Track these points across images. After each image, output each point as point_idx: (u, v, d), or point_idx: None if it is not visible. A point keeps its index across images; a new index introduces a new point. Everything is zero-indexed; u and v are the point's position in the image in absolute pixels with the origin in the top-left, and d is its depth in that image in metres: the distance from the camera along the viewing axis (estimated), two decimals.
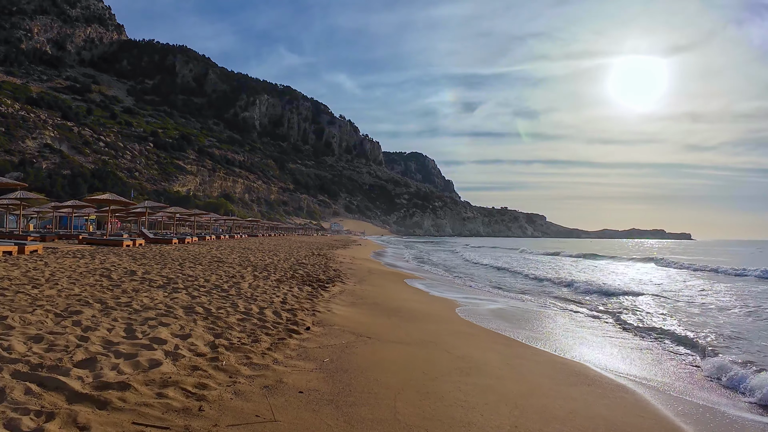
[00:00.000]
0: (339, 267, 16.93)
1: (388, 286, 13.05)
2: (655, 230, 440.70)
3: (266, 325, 6.08)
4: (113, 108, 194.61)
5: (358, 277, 14.17)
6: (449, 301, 11.24)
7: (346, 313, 7.85)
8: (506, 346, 6.78)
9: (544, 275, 20.31)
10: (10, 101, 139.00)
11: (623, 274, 23.89)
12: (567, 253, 48.75)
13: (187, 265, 12.69)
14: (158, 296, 7.55)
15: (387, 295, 10.95)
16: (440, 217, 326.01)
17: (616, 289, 14.57)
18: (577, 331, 8.49)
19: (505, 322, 8.92)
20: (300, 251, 24.81)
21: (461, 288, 15.13)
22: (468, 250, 54.67)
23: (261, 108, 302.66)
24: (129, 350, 4.45)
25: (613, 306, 11.72)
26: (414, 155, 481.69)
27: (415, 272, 20.72)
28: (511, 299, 12.67)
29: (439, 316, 8.87)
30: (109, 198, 21.51)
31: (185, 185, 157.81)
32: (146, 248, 19.10)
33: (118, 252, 16.12)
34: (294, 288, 9.82)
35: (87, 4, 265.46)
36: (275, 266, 14.57)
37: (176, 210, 32.04)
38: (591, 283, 16.21)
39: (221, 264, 13.89)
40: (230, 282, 9.85)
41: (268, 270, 13.11)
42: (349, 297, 9.80)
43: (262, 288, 9.36)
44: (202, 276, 10.57)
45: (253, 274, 11.86)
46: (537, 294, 14.13)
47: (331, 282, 11.81)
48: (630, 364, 6.39)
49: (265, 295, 8.48)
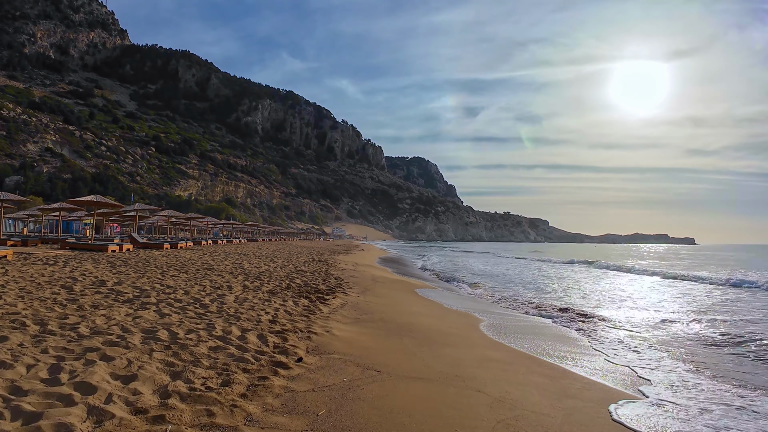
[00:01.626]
0: (341, 275, 15.57)
1: (396, 297, 11.66)
2: (659, 235, 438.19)
3: (245, 357, 4.70)
4: (115, 112, 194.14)
5: (362, 287, 12.80)
6: (468, 315, 9.83)
7: (348, 334, 6.48)
8: (549, 378, 5.39)
9: (559, 288, 18.83)
10: (12, 105, 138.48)
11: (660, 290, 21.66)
12: (583, 260, 46.90)
13: (169, 274, 11.32)
14: (118, 315, 6.18)
15: (395, 309, 9.57)
16: (443, 222, 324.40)
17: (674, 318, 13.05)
18: (626, 355, 7.07)
19: (537, 339, 7.52)
20: (299, 257, 23.41)
21: (478, 299, 13.72)
22: (475, 256, 53.15)
23: (263, 113, 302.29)
24: (35, 405, 3.08)
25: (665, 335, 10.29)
26: (416, 160, 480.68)
27: (424, 280, 19.30)
28: (536, 312, 11.25)
29: (459, 335, 7.48)
30: (94, 200, 20.15)
31: (187, 189, 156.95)
32: (133, 254, 17.77)
33: (99, 258, 14.79)
34: (288, 302, 8.44)
35: (90, 9, 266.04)
36: (270, 274, 13.21)
37: (171, 213, 30.75)
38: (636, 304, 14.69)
39: (210, 272, 12.52)
40: (214, 294, 8.48)
41: (261, 279, 11.73)
42: (351, 312, 8.43)
43: (250, 302, 7.98)
44: (183, 287, 9.21)
45: (244, 284, 10.48)
46: (557, 304, 12.69)
47: (332, 293, 10.44)
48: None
49: (252, 311, 7.11)
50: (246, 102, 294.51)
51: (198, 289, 8.94)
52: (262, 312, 7.12)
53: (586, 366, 6.19)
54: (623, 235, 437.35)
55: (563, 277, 24.04)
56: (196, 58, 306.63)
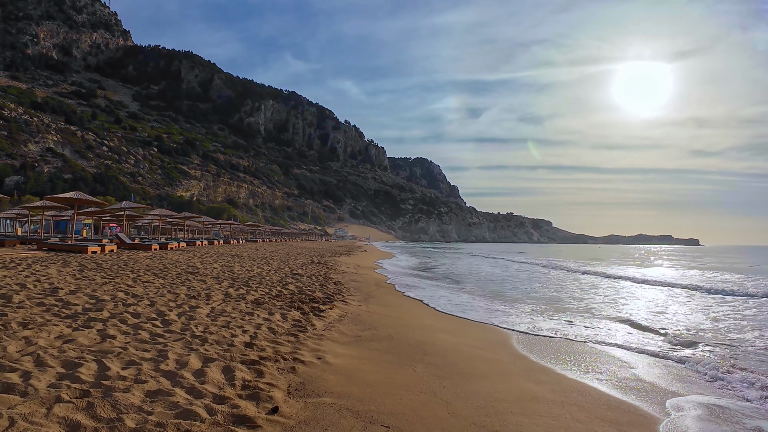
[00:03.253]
0: (341, 279, 14.11)
1: (404, 307, 10.15)
2: (663, 236, 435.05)
3: (194, 409, 3.22)
4: (118, 113, 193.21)
5: (364, 293, 11.32)
6: (493, 329, 8.29)
7: (346, 360, 5.02)
8: (619, 427, 3.91)
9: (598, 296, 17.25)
10: (13, 105, 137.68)
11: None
12: (601, 269, 45.20)
13: (143, 279, 9.86)
14: (46, 337, 4.72)
15: (404, 322, 8.08)
16: (446, 223, 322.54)
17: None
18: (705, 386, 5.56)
19: (585, 362, 6.00)
20: (298, 259, 21.91)
21: (500, 307, 12.05)
22: (484, 259, 51.37)
23: (266, 113, 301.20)
24: None
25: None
26: (419, 161, 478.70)
27: (434, 285, 17.78)
28: (576, 323, 9.71)
29: (488, 359, 5.97)
30: (74, 196, 18.73)
31: (189, 190, 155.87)
32: (114, 255, 16.35)
33: (73, 260, 13.37)
34: (275, 315, 6.97)
35: (93, 10, 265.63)
36: (261, 279, 11.73)
37: (162, 213, 29.38)
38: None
39: (193, 276, 11.06)
40: (185, 306, 6.99)
41: (249, 285, 10.25)
42: (352, 326, 6.96)
43: (227, 316, 6.50)
44: (152, 296, 7.73)
45: (227, 291, 9.01)
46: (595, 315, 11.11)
47: (330, 301, 8.98)
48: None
49: (226, 330, 5.63)
50: (249, 103, 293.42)
51: (168, 300, 7.46)
52: (238, 330, 5.65)
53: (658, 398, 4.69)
54: (627, 236, 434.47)
55: (594, 287, 22.42)
56: (199, 59, 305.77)
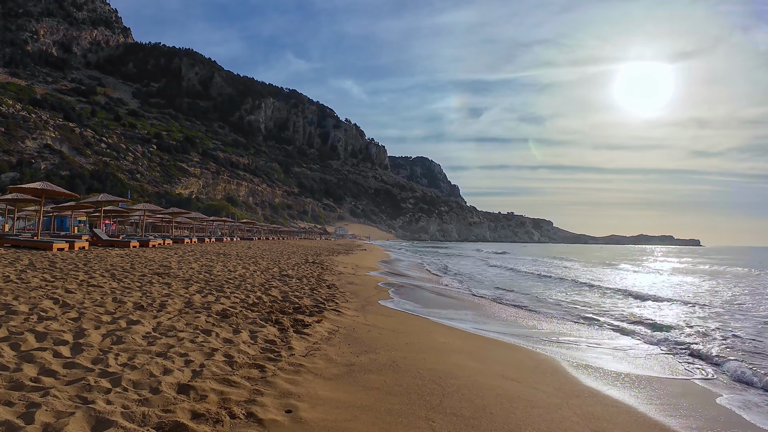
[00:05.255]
0: (336, 281, 12.48)
1: (409, 317, 8.49)
2: (664, 236, 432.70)
3: None
4: (117, 110, 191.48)
5: (362, 299, 9.68)
6: (523, 349, 6.60)
7: (328, 413, 3.39)
8: None
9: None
10: (11, 102, 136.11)
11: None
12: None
13: (93, 283, 8.22)
14: None
15: (410, 338, 6.43)
16: (446, 222, 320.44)
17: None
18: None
19: (667, 393, 4.35)
20: (291, 258, 20.26)
21: (527, 316, 10.20)
22: (490, 257, 49.38)
23: (266, 111, 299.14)
24: None
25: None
26: (420, 160, 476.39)
27: (443, 290, 15.94)
28: (641, 335, 8.02)
29: (533, 400, 4.29)
30: (39, 187, 17.10)
31: (188, 188, 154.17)
32: (81, 253, 14.75)
33: (26, 258, 11.76)
34: (243, 332, 5.33)
35: (93, 7, 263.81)
36: (241, 281, 10.12)
37: (147, 207, 27.78)
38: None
39: (158, 278, 9.46)
40: (120, 322, 5.30)
41: (223, 289, 8.63)
42: (343, 347, 5.34)
43: (173, 336, 4.87)
44: (86, 306, 6.09)
45: (190, 299, 7.38)
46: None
47: (319, 311, 7.35)
48: None
49: (162, 360, 3.99)
50: (249, 101, 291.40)
51: (105, 311, 5.83)
52: (178, 362, 4.01)
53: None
54: (628, 237, 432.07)
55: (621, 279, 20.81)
56: (200, 57, 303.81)
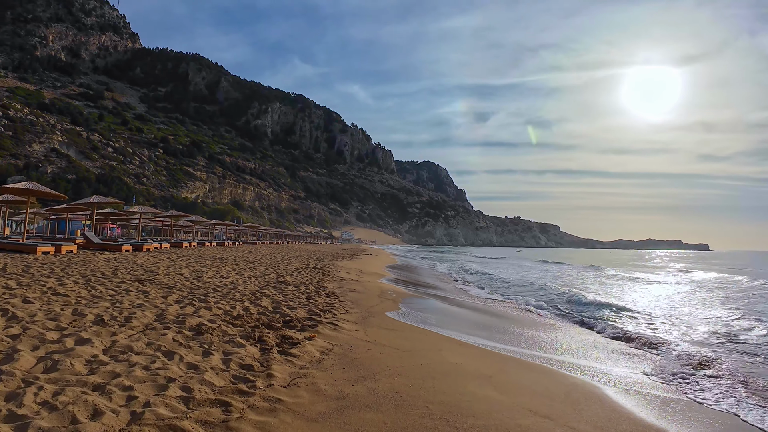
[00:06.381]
0: (337, 288, 11.58)
1: (415, 331, 7.55)
2: (672, 240, 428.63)
3: None
4: (125, 114, 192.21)
5: (363, 309, 8.76)
6: (552, 372, 5.61)
7: None
8: None
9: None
10: (19, 106, 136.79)
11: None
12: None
13: (60, 291, 7.55)
14: None
15: (416, 359, 5.51)
16: (453, 227, 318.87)
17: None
18: None
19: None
20: (291, 263, 19.41)
21: (548, 322, 9.04)
22: (502, 263, 47.67)
23: (273, 116, 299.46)
24: None
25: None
26: (426, 164, 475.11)
27: (453, 297, 14.93)
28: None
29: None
30: (23, 188, 16.37)
31: (194, 192, 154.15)
32: (66, 257, 13.97)
33: (1, 262, 10.98)
34: (215, 354, 4.45)
35: (102, 13, 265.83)
36: (231, 289, 9.29)
37: (144, 210, 27.04)
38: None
39: (139, 285, 8.63)
40: (67, 341, 4.50)
41: (207, 299, 7.78)
42: (336, 372, 4.44)
43: (124, 362, 3.98)
44: (38, 318, 5.30)
45: (164, 310, 6.59)
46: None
47: (313, 325, 6.45)
48: None
49: (96, 397, 3.12)
50: (256, 105, 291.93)
51: (56, 326, 5.02)
52: (119, 397, 3.13)
53: None
54: (636, 241, 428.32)
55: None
56: (207, 62, 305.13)
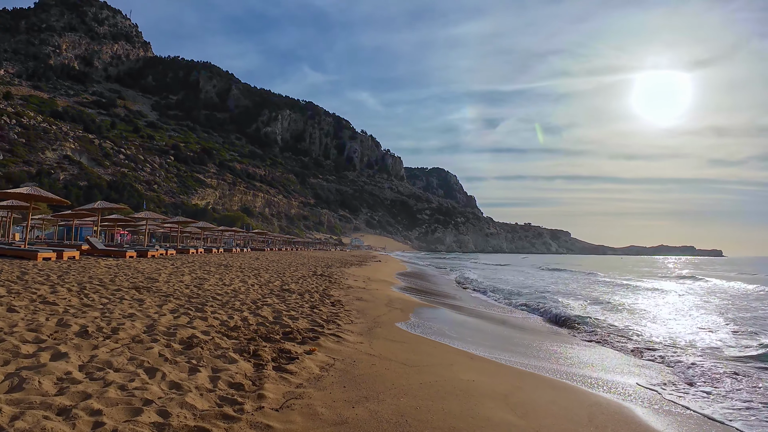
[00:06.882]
0: (343, 296, 11.11)
1: (423, 343, 7.03)
2: (685, 246, 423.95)
3: None
4: (137, 122, 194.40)
5: (370, 319, 8.28)
6: (576, 390, 5.04)
7: None
8: None
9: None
10: (33, 114, 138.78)
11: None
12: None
13: (50, 299, 7.09)
14: None
15: (424, 376, 4.93)
16: (462, 233, 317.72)
17: None
18: None
19: None
20: (298, 270, 18.95)
21: (564, 333, 8.17)
22: (515, 269, 45.94)
23: (283, 123, 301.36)
24: None
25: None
26: (436, 170, 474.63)
27: (465, 306, 14.31)
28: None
29: None
30: (24, 192, 16.12)
31: (204, 198, 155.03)
32: (66, 263, 13.69)
33: (1, 269, 10.72)
34: (203, 370, 3.98)
35: (114, 22, 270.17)
36: (231, 298, 8.87)
37: (150, 216, 26.96)
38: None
39: (135, 293, 8.26)
40: (42, 355, 3.94)
41: (204, 308, 7.35)
42: (336, 392, 3.93)
43: (99, 380, 3.51)
44: (18, 330, 4.83)
45: (155, 321, 6.05)
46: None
47: (314, 337, 5.99)
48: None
49: (58, 425, 2.63)
50: (266, 113, 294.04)
51: (34, 338, 4.56)
52: (84, 424, 2.68)
53: None
54: (648, 247, 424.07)
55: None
56: (217, 69, 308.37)
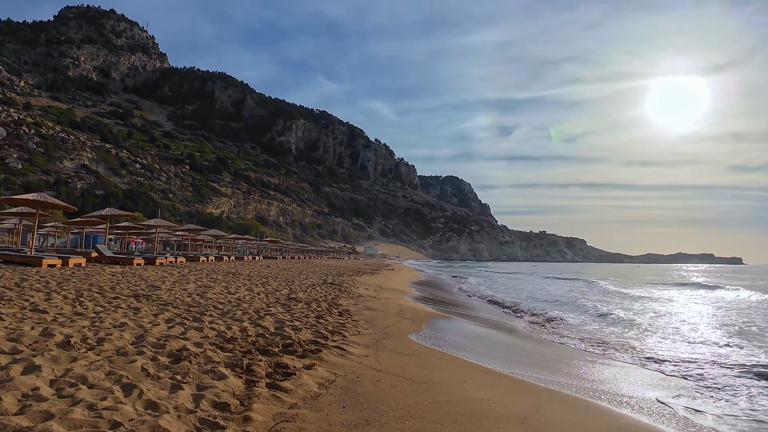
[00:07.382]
0: (352, 306, 10.57)
1: (434, 357, 6.48)
2: (704, 254, 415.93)
3: None
4: (153, 132, 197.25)
5: (378, 331, 7.74)
6: (608, 415, 4.48)
7: None
8: None
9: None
10: (51, 124, 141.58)
11: None
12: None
13: (42, 307, 6.64)
14: None
15: (434, 394, 4.35)
16: (477, 242, 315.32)
17: None
18: None
19: None
20: (308, 278, 18.48)
21: (595, 351, 7.24)
22: (535, 279, 43.86)
23: (297, 132, 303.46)
24: None
25: None
26: (450, 179, 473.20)
27: (479, 315, 13.74)
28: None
29: None
30: (31, 198, 15.90)
31: (219, 207, 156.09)
32: (70, 270, 13.43)
33: (3, 276, 10.45)
34: (186, 388, 3.46)
35: (132, 34, 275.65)
36: (235, 306, 8.42)
37: (160, 223, 26.81)
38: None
39: (133, 302, 7.86)
40: (14, 368, 3.52)
41: (202, 318, 6.91)
42: (334, 413, 3.58)
43: (65, 399, 3.07)
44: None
45: (147, 331, 5.61)
46: None
47: (316, 350, 5.50)
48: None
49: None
50: (280, 122, 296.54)
51: (11, 349, 4.13)
52: None
53: None
54: (665, 255, 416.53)
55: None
56: (232, 80, 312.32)
